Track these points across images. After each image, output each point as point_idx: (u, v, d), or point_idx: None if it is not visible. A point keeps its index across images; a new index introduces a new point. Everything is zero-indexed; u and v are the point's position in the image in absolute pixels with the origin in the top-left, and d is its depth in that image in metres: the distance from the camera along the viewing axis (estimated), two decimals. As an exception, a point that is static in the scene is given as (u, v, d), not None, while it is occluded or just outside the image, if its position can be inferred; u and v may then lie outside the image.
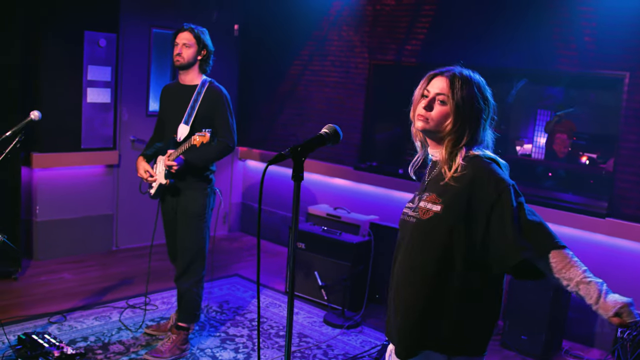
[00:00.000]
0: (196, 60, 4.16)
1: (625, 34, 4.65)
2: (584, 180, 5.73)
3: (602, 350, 4.87)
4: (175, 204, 4.25)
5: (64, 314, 4.71)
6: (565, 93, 6.21)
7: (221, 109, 4.17)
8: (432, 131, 2.22)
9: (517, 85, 5.64)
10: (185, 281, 4.26)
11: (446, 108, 2.18)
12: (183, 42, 4.10)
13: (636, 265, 4.77)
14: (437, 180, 2.24)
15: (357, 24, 6.30)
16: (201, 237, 4.25)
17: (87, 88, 5.97)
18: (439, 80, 2.21)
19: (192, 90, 4.18)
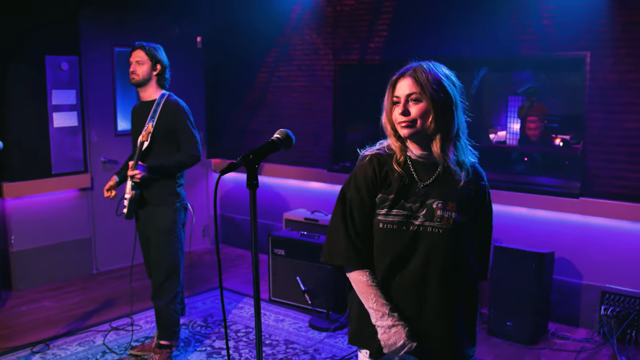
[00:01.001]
0: (151, 76, 4.20)
1: (583, 14, 4.69)
2: (560, 162, 5.78)
3: (588, 329, 4.90)
4: (146, 220, 4.24)
5: (47, 343, 4.65)
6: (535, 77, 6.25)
7: (180, 121, 4.17)
8: (418, 133, 2.17)
9: (479, 75, 5.67)
10: (161, 299, 4.23)
11: (422, 104, 2.14)
12: (136, 60, 4.16)
13: (610, 242, 4.82)
14: (443, 183, 2.21)
15: (318, 26, 6.30)
16: (173, 253, 4.22)
17: (53, 113, 5.91)
18: (404, 82, 2.17)
19: (151, 105, 4.21)
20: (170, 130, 4.14)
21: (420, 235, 2.18)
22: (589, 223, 4.89)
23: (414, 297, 2.21)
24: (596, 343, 4.65)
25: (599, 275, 4.87)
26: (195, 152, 4.18)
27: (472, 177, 2.22)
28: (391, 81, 2.23)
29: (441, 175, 2.22)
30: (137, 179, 4.02)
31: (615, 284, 4.76)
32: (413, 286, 2.20)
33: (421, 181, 2.22)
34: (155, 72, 4.20)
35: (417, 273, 2.19)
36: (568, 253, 5.00)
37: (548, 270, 4.76)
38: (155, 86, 4.24)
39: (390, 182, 2.23)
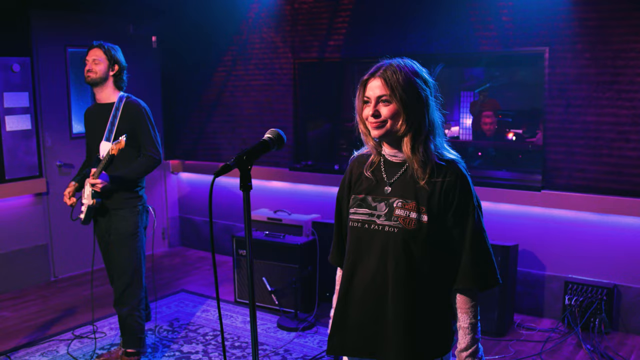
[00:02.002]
0: (108, 76, 4.10)
1: (541, 10, 4.77)
2: (513, 155, 5.88)
3: (552, 319, 5.00)
4: (107, 225, 4.13)
5: (8, 355, 4.49)
6: (487, 72, 6.34)
7: (142, 123, 4.08)
8: (389, 133, 2.15)
9: (435, 71, 5.72)
10: (124, 305, 4.12)
11: (392, 106, 2.12)
12: (93, 59, 4.05)
13: (572, 233, 4.93)
14: (405, 182, 2.19)
15: (277, 24, 6.25)
16: (136, 258, 4.12)
17: (5, 116, 5.72)
18: (374, 82, 2.15)
19: (110, 107, 4.10)
20: (132, 133, 4.03)
21: (378, 234, 2.18)
22: (551, 215, 4.99)
23: (371, 297, 2.21)
24: (561, 332, 4.75)
25: (562, 266, 4.97)
26: (157, 156, 4.11)
27: (437, 175, 2.16)
28: (362, 81, 2.20)
29: (406, 174, 2.20)
30: (97, 189, 3.91)
31: (578, 274, 4.87)
32: (370, 286, 2.20)
33: (388, 180, 2.22)
34: (113, 72, 4.10)
35: (373, 272, 2.19)
36: (531, 245, 5.09)
37: (513, 263, 4.84)
38: (112, 87, 4.14)
39: (362, 182, 2.27)
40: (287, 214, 5.76)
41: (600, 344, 4.51)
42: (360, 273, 2.23)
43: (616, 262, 4.75)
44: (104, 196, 4.03)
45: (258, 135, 6.46)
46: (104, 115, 4.09)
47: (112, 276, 4.26)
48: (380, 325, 2.19)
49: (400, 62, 2.18)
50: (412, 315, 2.15)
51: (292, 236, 5.37)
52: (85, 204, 4.07)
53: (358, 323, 2.24)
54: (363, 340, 2.24)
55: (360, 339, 2.24)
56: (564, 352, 4.45)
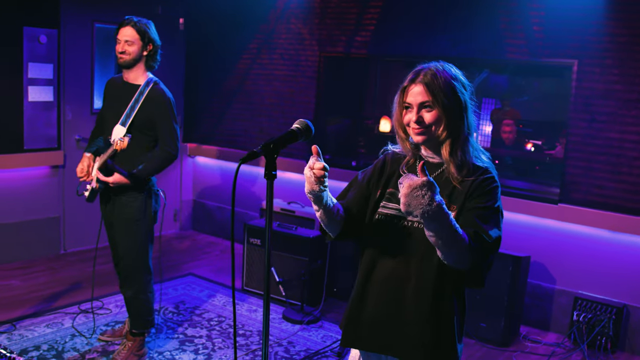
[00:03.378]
0: (141, 56, 3.88)
1: (573, 22, 4.72)
2: (531, 166, 5.84)
3: (559, 334, 4.97)
4: (111, 208, 4.01)
5: (13, 323, 4.52)
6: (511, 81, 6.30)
7: (164, 115, 3.89)
8: (430, 138, 2.18)
9: (481, 76, 5.69)
10: (129, 288, 4.04)
11: (435, 112, 2.14)
12: (125, 39, 3.81)
13: (586, 249, 4.88)
14: (440, 183, 2.14)
15: (305, 16, 6.23)
16: (140, 242, 3.98)
17: (28, 86, 5.74)
18: (416, 89, 2.16)
19: (135, 89, 3.90)
20: (151, 122, 3.88)
21: (408, 231, 2.19)
22: (566, 229, 4.95)
23: (390, 292, 2.22)
24: (567, 348, 4.71)
25: (572, 281, 4.94)
26: (175, 152, 3.92)
27: (471, 175, 2.19)
28: (401, 87, 2.22)
29: (442, 175, 2.21)
30: (111, 185, 3.77)
31: (588, 291, 4.83)
32: (390, 281, 2.21)
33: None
34: (146, 52, 3.89)
35: (394, 267, 2.20)
36: (543, 257, 5.06)
37: (523, 274, 4.81)
38: (142, 68, 3.93)
39: (396, 178, 2.28)
40: (300, 206, 5.76)
41: (605, 363, 4.48)
42: (380, 267, 2.24)
43: (628, 281, 4.71)
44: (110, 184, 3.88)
45: (277, 125, 6.47)
46: (126, 96, 3.90)
47: (115, 258, 4.21)
48: (397, 321, 2.20)
49: (439, 67, 2.20)
50: (430, 313, 2.16)
51: (304, 229, 5.36)
52: (90, 185, 3.98)
53: (374, 317, 2.25)
54: (379, 335, 2.25)
55: (375, 333, 2.26)
56: (567, 368, 4.43)
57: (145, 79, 3.95)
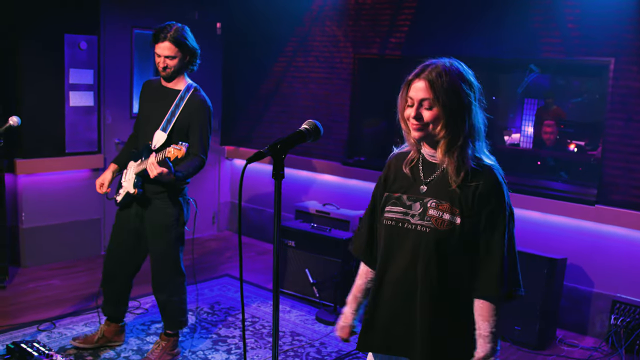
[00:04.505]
0: (183, 65, 3.90)
1: (609, 19, 4.64)
2: (573, 167, 5.74)
3: (596, 338, 4.87)
4: (140, 212, 4.00)
5: (53, 321, 4.65)
6: (552, 81, 6.20)
7: (201, 121, 3.89)
8: (427, 135, 2.15)
9: (529, 77, 5.61)
10: (162, 292, 4.08)
11: (434, 111, 2.09)
12: (165, 55, 3.81)
13: (624, 251, 4.77)
14: (440, 184, 2.17)
15: (339, 18, 6.26)
16: (172, 246, 4.00)
17: (70, 91, 5.90)
18: (419, 84, 2.11)
19: (175, 95, 3.92)
20: (187, 125, 3.90)
21: (411, 233, 2.17)
22: (603, 231, 4.85)
23: (401, 296, 2.21)
24: (604, 352, 4.62)
25: (610, 284, 4.83)
26: (205, 159, 3.94)
27: (471, 179, 2.12)
28: (406, 80, 2.17)
29: (443, 175, 2.18)
30: (154, 174, 3.57)
31: (626, 294, 4.72)
32: (400, 285, 2.20)
33: (425, 179, 2.21)
34: (187, 60, 3.91)
35: (404, 271, 2.19)
36: (580, 260, 4.96)
37: (559, 276, 4.73)
38: (182, 75, 3.97)
39: (399, 180, 2.28)
40: (335, 207, 5.77)
41: (643, 368, 4.38)
42: (391, 272, 2.24)
43: (668, 284, 4.60)
44: (146, 188, 3.91)
45: (313, 127, 6.50)
46: (166, 100, 3.91)
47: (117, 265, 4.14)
48: (409, 325, 2.19)
49: (447, 64, 2.14)
50: (440, 316, 2.15)
51: (338, 230, 5.38)
52: (125, 187, 3.98)
53: (387, 321, 2.25)
54: (392, 339, 2.24)
55: (389, 337, 2.25)
56: (604, 372, 4.34)
57: (185, 84, 3.96)
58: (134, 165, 3.96)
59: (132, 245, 4.11)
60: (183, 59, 3.88)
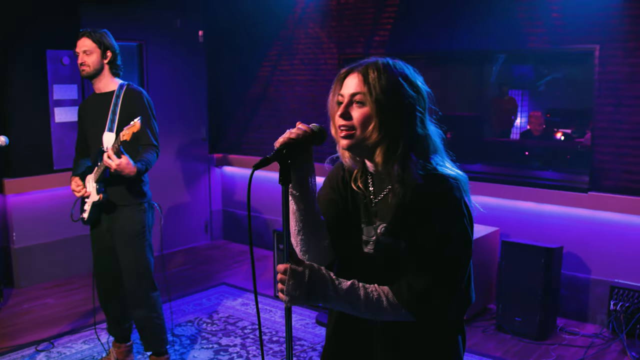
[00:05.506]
0: (102, 65, 3.82)
1: (592, 7, 4.65)
2: (561, 156, 5.75)
3: (597, 325, 4.87)
4: (110, 224, 3.89)
5: (51, 341, 4.60)
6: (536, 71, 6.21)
7: (143, 111, 3.80)
8: (359, 143, 1.82)
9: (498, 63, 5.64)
10: (141, 308, 3.95)
11: (366, 110, 1.78)
12: (83, 50, 3.77)
13: (619, 236, 4.79)
14: (390, 203, 1.88)
15: (322, 19, 6.24)
16: (144, 258, 3.91)
17: (55, 108, 5.85)
18: (351, 79, 1.82)
19: (109, 96, 3.84)
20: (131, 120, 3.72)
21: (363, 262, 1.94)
22: (598, 217, 4.86)
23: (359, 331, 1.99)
24: (605, 338, 4.62)
25: (607, 270, 4.84)
26: (158, 147, 3.86)
27: (421, 196, 1.82)
28: (339, 76, 1.88)
29: (390, 192, 1.88)
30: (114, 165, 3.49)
31: (624, 279, 4.73)
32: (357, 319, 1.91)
33: (375, 198, 1.93)
34: (106, 60, 3.83)
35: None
36: (576, 248, 4.97)
37: (557, 265, 4.73)
38: (109, 75, 3.86)
39: (352, 197, 1.99)
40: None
41: (646, 352, 4.38)
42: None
43: (665, 267, 4.61)
44: (110, 187, 3.79)
45: (301, 130, 6.46)
46: (103, 105, 3.84)
47: (107, 288, 4.08)
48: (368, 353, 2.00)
49: (389, 62, 1.85)
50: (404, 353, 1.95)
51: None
52: (89, 201, 3.86)
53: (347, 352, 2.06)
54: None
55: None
56: (607, 359, 4.33)
57: (117, 84, 3.89)
58: (92, 175, 3.82)
59: (114, 263, 3.98)
60: (102, 56, 3.81)
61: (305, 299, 1.76)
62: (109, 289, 4.08)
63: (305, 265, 1.77)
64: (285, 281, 1.74)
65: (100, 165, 3.71)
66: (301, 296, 1.75)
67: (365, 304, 1.80)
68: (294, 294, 1.74)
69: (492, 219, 5.19)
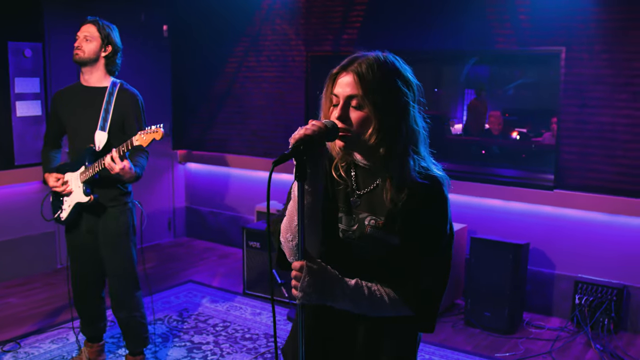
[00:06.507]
0: (99, 57, 3.66)
1: (559, 10, 4.77)
2: (517, 154, 5.92)
3: (561, 319, 5.02)
4: (94, 225, 3.78)
5: (18, 341, 4.48)
6: (492, 71, 6.37)
7: (137, 114, 3.71)
8: (356, 144, 1.83)
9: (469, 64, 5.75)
10: (124, 309, 3.86)
11: (364, 112, 1.79)
12: (84, 35, 3.63)
13: (583, 233, 4.95)
14: (377, 196, 1.87)
15: (290, 16, 6.23)
16: (129, 258, 3.83)
17: (16, 101, 5.69)
18: (345, 78, 1.80)
19: (102, 92, 3.67)
20: (123, 122, 3.69)
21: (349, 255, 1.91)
22: (562, 215, 5.00)
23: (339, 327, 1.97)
24: (570, 332, 4.77)
25: (572, 265, 4.99)
26: (148, 153, 3.75)
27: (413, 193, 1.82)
28: (331, 74, 1.85)
29: (381, 186, 1.87)
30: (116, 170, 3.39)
31: (588, 274, 4.88)
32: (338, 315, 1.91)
33: (358, 190, 1.92)
34: (105, 54, 3.67)
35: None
36: (541, 244, 5.11)
37: (524, 261, 4.85)
38: (103, 71, 3.71)
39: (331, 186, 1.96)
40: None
41: (609, 344, 4.53)
42: None
43: (627, 263, 4.77)
44: (97, 187, 3.66)
45: (269, 127, 6.46)
46: (93, 100, 3.67)
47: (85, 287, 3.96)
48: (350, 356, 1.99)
49: (380, 57, 1.82)
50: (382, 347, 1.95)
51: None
52: (71, 200, 3.71)
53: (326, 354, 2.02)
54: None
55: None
56: (573, 351, 4.47)
57: (110, 81, 3.75)
58: (77, 174, 3.68)
59: (92, 263, 3.88)
60: (101, 48, 3.67)
61: (317, 297, 1.77)
62: (86, 290, 3.97)
63: (319, 264, 1.78)
64: (300, 278, 1.75)
65: (92, 166, 3.58)
66: (314, 294, 1.76)
67: (369, 303, 1.84)
68: (308, 291, 1.75)
69: (460, 216, 5.29)
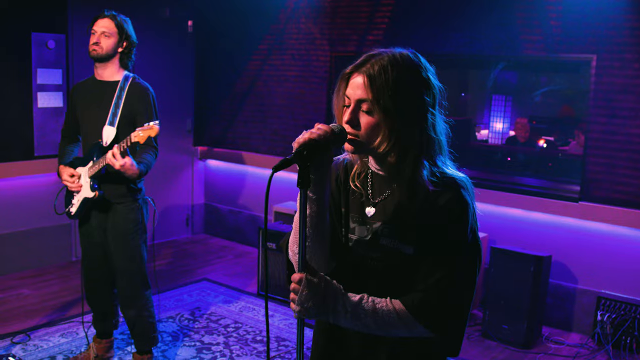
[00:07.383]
0: (116, 52, 3.65)
1: (591, 16, 4.63)
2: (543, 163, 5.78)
3: (582, 334, 4.87)
4: (104, 221, 3.75)
5: (28, 333, 4.45)
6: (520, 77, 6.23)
7: (148, 109, 3.66)
8: (365, 149, 1.74)
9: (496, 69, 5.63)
10: (132, 307, 3.82)
11: (374, 118, 1.67)
12: (102, 31, 3.59)
13: (608, 247, 4.78)
14: (391, 203, 1.79)
15: (315, 15, 6.15)
16: (139, 256, 3.79)
17: (38, 92, 5.68)
18: (358, 80, 1.68)
19: (113, 86, 3.65)
20: (135, 117, 3.64)
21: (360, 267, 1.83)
22: (587, 227, 4.85)
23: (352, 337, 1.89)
24: (591, 349, 4.62)
25: (595, 280, 4.84)
26: (157, 150, 3.70)
27: (431, 200, 1.72)
28: (343, 74, 1.75)
29: (395, 194, 1.78)
30: (118, 166, 3.35)
31: (611, 290, 4.73)
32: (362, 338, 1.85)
33: (373, 199, 1.83)
34: (121, 49, 3.66)
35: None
36: (564, 257, 4.96)
37: (545, 274, 4.71)
38: (117, 65, 3.69)
39: (345, 193, 1.90)
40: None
41: (631, 364, 4.38)
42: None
43: (652, 280, 4.61)
44: (104, 183, 3.64)
45: (289, 127, 6.38)
46: (105, 94, 3.66)
47: (96, 282, 3.92)
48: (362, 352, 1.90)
49: (397, 56, 1.69)
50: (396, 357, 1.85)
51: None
52: (80, 195, 3.70)
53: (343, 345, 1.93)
54: None
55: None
56: (593, 370, 4.33)
57: (122, 74, 3.71)
58: (85, 169, 3.67)
59: (103, 258, 3.86)
60: (119, 43, 3.65)
61: (316, 312, 1.68)
62: (98, 284, 3.94)
63: (320, 277, 1.70)
64: (298, 291, 1.66)
65: (99, 162, 3.56)
66: (312, 308, 1.67)
67: (374, 320, 1.72)
68: (306, 305, 1.66)
69: (480, 224, 5.14)
